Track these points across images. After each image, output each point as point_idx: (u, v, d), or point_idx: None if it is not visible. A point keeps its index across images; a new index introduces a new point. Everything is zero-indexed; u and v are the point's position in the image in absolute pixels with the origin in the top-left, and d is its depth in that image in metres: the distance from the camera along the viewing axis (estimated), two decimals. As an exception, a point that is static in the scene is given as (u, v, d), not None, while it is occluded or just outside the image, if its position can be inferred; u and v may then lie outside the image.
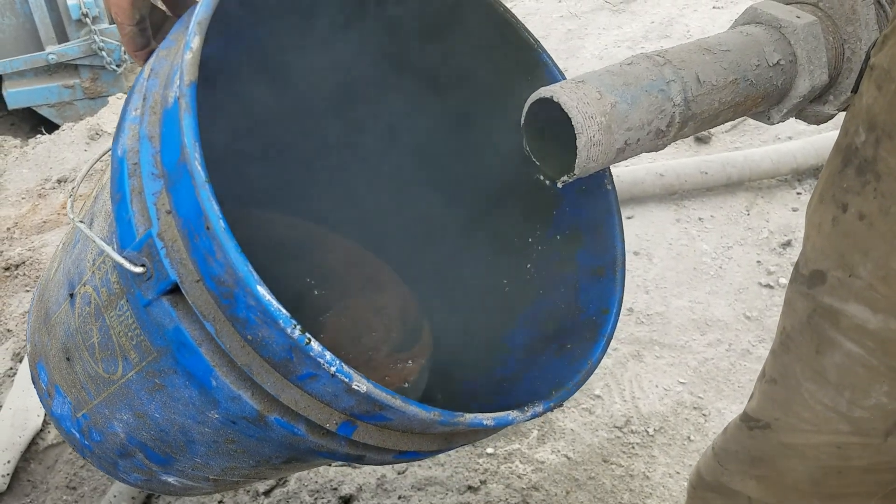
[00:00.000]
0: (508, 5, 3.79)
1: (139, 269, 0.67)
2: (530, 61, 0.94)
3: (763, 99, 0.92)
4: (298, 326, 0.61)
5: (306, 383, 0.67)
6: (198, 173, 0.61)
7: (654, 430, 1.75)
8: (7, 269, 2.32)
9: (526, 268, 1.02)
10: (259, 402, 0.70)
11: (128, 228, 0.69)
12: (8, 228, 2.56)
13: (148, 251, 0.67)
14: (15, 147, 3.09)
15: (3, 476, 1.90)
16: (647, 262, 2.18)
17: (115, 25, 3.56)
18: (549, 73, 0.94)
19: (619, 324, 0.86)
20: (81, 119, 3.14)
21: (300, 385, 0.67)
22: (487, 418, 0.70)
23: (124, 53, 4.01)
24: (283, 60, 0.94)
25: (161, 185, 0.66)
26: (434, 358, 1.07)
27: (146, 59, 0.77)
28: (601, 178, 0.93)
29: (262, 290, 0.61)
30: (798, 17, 0.92)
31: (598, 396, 1.82)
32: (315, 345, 0.62)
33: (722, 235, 2.25)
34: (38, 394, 1.00)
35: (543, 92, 0.78)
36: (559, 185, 0.81)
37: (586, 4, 3.58)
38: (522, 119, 0.82)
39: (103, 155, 0.87)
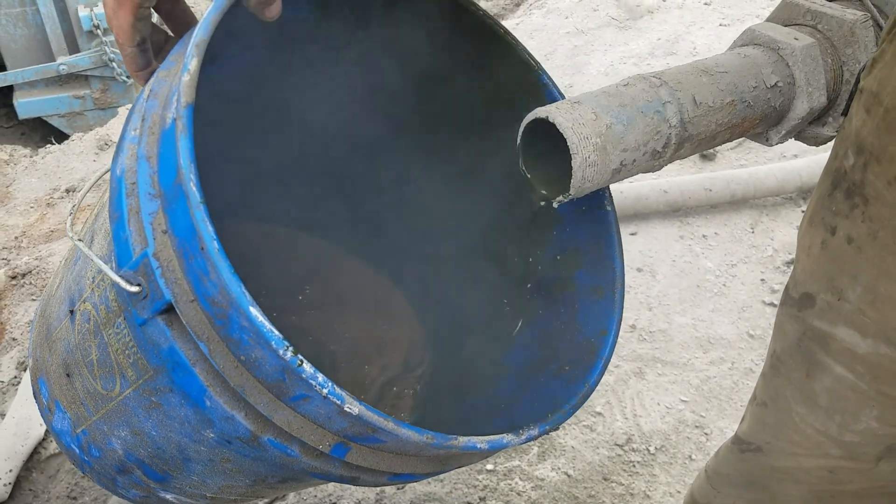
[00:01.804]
0: (514, 21, 3.83)
1: (135, 289, 0.68)
2: (531, 82, 0.95)
3: (761, 120, 0.92)
4: (291, 348, 0.61)
5: (299, 405, 0.67)
6: (193, 194, 0.61)
7: (656, 448, 1.74)
8: (13, 277, 2.33)
9: (526, 287, 1.02)
10: (252, 422, 0.70)
11: (125, 247, 0.69)
12: (16, 237, 2.58)
13: (144, 270, 0.67)
14: (25, 156, 3.12)
15: (4, 485, 1.91)
16: (651, 278, 2.18)
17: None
18: (550, 94, 0.94)
19: (621, 341, 0.86)
20: (91, 129, 3.17)
21: (293, 406, 0.67)
22: (481, 441, 0.69)
23: (127, 70, 4.03)
24: (282, 76, 0.95)
25: (158, 206, 0.66)
26: (433, 376, 1.07)
27: (147, 80, 0.78)
28: (601, 199, 0.94)
29: (255, 312, 0.61)
30: (796, 39, 0.92)
31: (600, 414, 1.81)
32: (307, 366, 0.62)
33: (726, 253, 2.25)
34: (38, 408, 1.01)
35: (539, 112, 0.79)
36: (555, 205, 0.81)
37: (593, 21, 3.59)
38: (518, 139, 0.82)
39: (104, 174, 0.88)
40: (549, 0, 3.99)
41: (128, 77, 4.05)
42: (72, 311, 0.86)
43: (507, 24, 3.83)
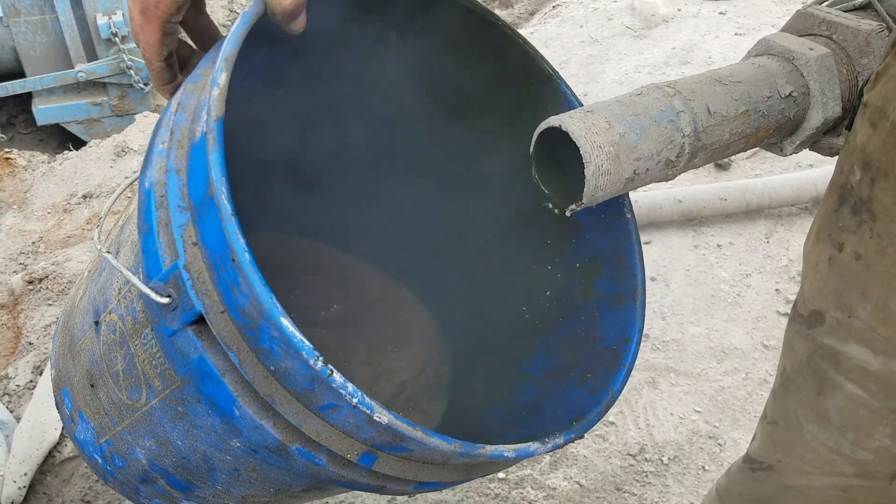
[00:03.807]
0: (529, 30, 3.83)
1: (165, 300, 0.69)
2: (548, 91, 0.95)
3: (775, 130, 0.92)
4: (321, 358, 0.62)
5: (328, 414, 0.67)
6: (224, 206, 0.62)
7: (669, 458, 1.74)
8: (31, 282, 2.35)
9: (545, 295, 1.02)
10: (281, 432, 0.70)
11: (154, 259, 0.70)
12: (33, 242, 2.60)
13: (174, 282, 0.68)
14: (42, 162, 3.15)
15: (19, 488, 1.92)
16: (665, 287, 2.18)
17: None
18: (568, 102, 0.95)
19: (635, 351, 0.86)
20: (108, 136, 3.20)
21: (322, 416, 0.68)
22: (508, 450, 0.70)
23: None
24: (308, 88, 0.96)
25: (188, 218, 0.67)
26: (452, 386, 1.07)
27: (173, 93, 0.79)
28: (620, 206, 0.94)
29: (286, 322, 0.61)
30: (811, 50, 0.93)
31: (612, 423, 1.81)
32: (337, 376, 0.63)
33: (740, 263, 2.25)
34: (61, 419, 1.02)
35: (552, 121, 0.79)
36: (567, 213, 0.82)
37: (607, 30, 3.60)
38: (531, 147, 0.83)
39: (126, 187, 0.89)
40: (564, 9, 4.00)
41: (145, 84, 4.09)
42: (97, 322, 0.86)
43: (523, 32, 3.84)
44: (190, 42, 0.85)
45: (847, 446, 0.81)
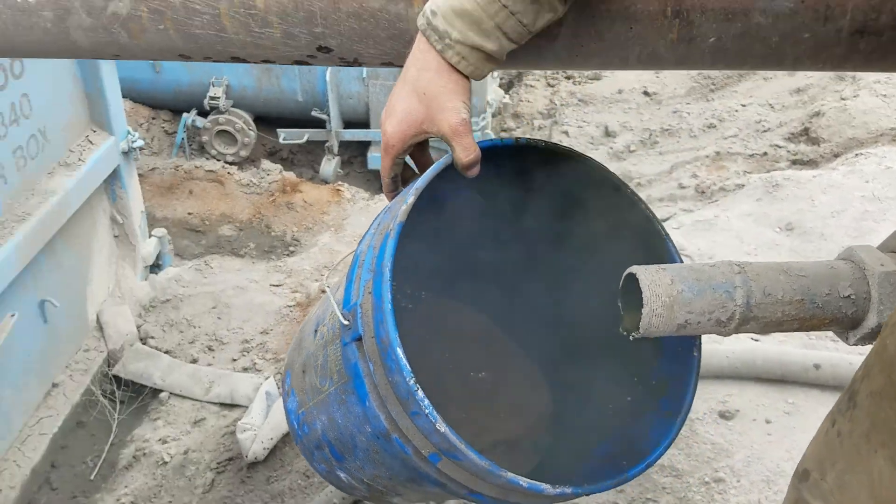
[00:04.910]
0: (813, 172, 3.86)
1: (346, 323, 1.12)
2: (660, 246, 1.26)
3: (832, 321, 1.13)
4: (414, 378, 1.00)
5: (414, 418, 1.05)
6: (384, 275, 1.04)
7: None
8: (323, 291, 3.02)
9: (626, 401, 1.31)
10: (389, 423, 1.10)
11: (348, 297, 1.14)
12: (335, 261, 3.32)
13: (353, 313, 1.11)
14: (363, 199, 3.96)
15: (264, 448, 2.53)
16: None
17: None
18: (671, 258, 1.25)
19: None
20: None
21: (411, 418, 1.06)
22: (523, 480, 1.02)
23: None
24: (475, 214, 1.36)
25: (370, 277, 1.10)
26: (546, 448, 1.39)
27: (392, 198, 1.24)
28: (691, 345, 1.21)
29: (400, 351, 1.01)
30: (882, 266, 1.13)
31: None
32: (420, 392, 1.00)
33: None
34: (281, 392, 1.50)
35: (633, 268, 1.10)
36: (630, 337, 1.11)
37: (892, 190, 3.55)
38: (620, 283, 1.14)
39: (349, 254, 1.36)
40: (860, 161, 4.01)
41: None
42: (315, 330, 1.33)
43: (807, 172, 3.93)
44: (415, 168, 1.29)
45: None
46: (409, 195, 1.10)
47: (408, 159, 1.24)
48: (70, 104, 3.04)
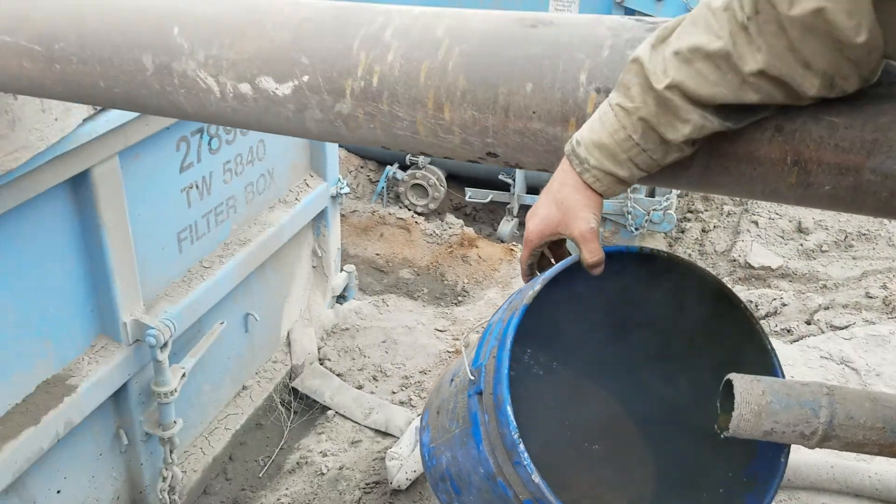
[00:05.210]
0: None
1: (472, 378, 1.36)
2: (765, 361, 1.39)
3: (913, 452, 1.21)
4: (518, 432, 1.22)
5: (517, 467, 1.26)
6: (506, 345, 1.27)
7: None
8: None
9: (719, 492, 1.43)
10: (496, 468, 1.31)
11: (477, 356, 1.38)
12: (479, 325, 3.58)
13: (479, 370, 1.35)
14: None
15: (407, 479, 2.81)
16: None
17: (647, 198, 4.74)
18: (774, 371, 1.37)
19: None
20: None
21: (514, 466, 1.27)
22: (596, 538, 1.20)
23: (645, 221, 5.13)
24: (588, 307, 1.56)
25: (495, 344, 1.34)
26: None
27: (527, 282, 1.47)
28: (780, 450, 1.33)
29: (509, 409, 1.23)
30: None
31: None
32: (522, 446, 1.22)
33: None
34: (419, 427, 1.76)
35: (730, 376, 1.25)
36: (721, 435, 1.25)
37: None
38: (721, 386, 1.28)
39: (483, 322, 1.60)
40: None
41: (636, 229, 5.05)
42: (452, 379, 1.58)
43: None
44: (552, 258, 1.52)
45: None
46: (538, 283, 1.33)
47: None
48: (296, 152, 3.57)
